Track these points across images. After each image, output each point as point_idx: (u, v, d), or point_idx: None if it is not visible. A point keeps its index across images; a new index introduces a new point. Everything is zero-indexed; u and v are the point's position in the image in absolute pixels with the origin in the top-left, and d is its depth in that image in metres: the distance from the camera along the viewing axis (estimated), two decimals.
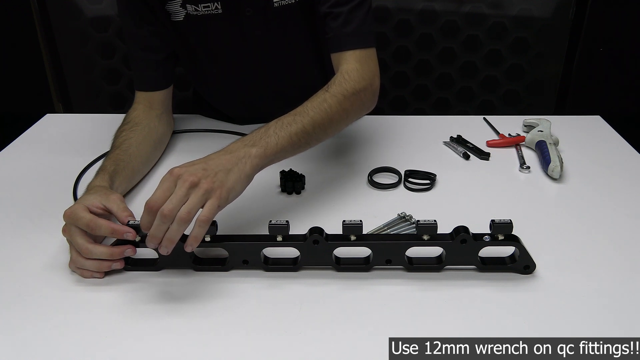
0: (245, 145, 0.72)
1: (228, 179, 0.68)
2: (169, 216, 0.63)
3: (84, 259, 0.69)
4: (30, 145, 1.07)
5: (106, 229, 0.68)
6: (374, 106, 0.92)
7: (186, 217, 0.63)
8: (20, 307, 0.66)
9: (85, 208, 0.69)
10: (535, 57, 1.53)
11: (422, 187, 0.89)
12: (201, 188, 0.65)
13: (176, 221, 0.63)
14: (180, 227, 0.64)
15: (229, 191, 0.67)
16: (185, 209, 0.63)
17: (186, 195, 0.64)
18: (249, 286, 0.69)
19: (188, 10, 0.95)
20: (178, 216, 0.63)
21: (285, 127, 0.76)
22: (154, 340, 0.61)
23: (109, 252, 0.68)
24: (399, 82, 1.58)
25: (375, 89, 0.91)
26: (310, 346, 0.60)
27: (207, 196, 0.65)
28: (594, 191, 0.88)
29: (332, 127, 0.83)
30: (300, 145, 0.79)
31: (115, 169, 0.83)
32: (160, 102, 1.02)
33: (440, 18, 1.48)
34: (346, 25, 0.90)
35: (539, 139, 0.99)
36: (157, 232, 0.63)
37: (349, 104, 0.84)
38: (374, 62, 0.91)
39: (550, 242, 0.75)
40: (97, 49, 1.55)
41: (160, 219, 0.63)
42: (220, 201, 0.66)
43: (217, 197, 0.65)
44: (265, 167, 0.74)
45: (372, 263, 0.70)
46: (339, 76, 0.86)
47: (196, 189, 0.65)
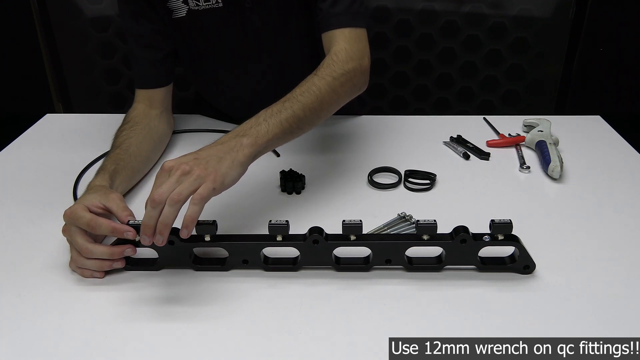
0: (237, 136, 0.72)
1: (220, 165, 0.68)
2: (158, 200, 0.62)
3: (85, 259, 0.69)
4: (30, 145, 1.07)
5: (107, 227, 0.68)
6: (366, 86, 0.91)
7: (177, 198, 0.63)
8: (20, 307, 0.66)
9: (85, 208, 0.69)
10: (535, 57, 1.54)
11: (422, 187, 0.89)
12: (193, 174, 0.65)
13: (167, 203, 0.63)
14: (172, 208, 0.63)
15: (223, 176, 0.67)
16: (176, 191, 0.63)
17: (177, 182, 0.64)
18: (249, 286, 0.69)
19: (190, 6, 0.96)
20: (169, 198, 0.63)
21: (275, 114, 0.76)
22: (154, 340, 0.61)
23: (110, 251, 0.68)
24: (399, 82, 1.58)
25: (365, 69, 0.90)
26: (310, 346, 0.60)
27: (200, 181, 0.65)
28: (594, 191, 0.88)
29: (323, 110, 0.83)
30: (293, 131, 0.78)
31: (115, 168, 0.83)
32: (160, 101, 1.02)
33: (440, 18, 1.49)
34: (335, 5, 0.90)
35: (539, 139, 0.99)
36: (149, 219, 0.63)
37: (339, 85, 0.84)
38: (364, 43, 0.91)
39: (550, 242, 0.75)
40: (97, 49, 1.55)
41: (150, 204, 0.63)
42: (215, 184, 0.65)
43: (212, 180, 0.65)
44: (259, 155, 0.74)
45: (372, 263, 0.70)
46: (327, 58, 0.86)
47: (188, 175, 0.65)
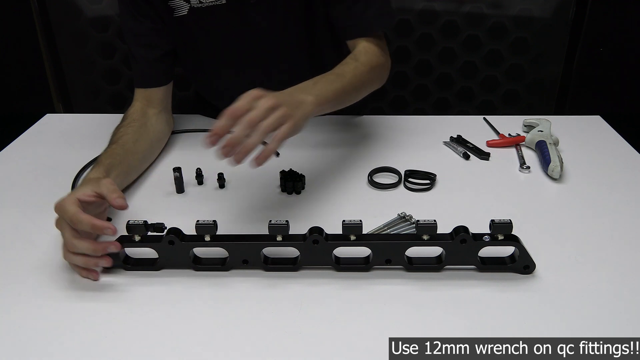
0: (302, 92, 0.76)
1: (297, 113, 0.72)
2: (251, 124, 0.66)
3: (71, 254, 0.68)
4: (30, 145, 1.07)
5: (87, 224, 0.66)
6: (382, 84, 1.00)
7: (266, 130, 0.67)
8: (20, 307, 0.66)
9: (74, 201, 0.68)
10: (535, 57, 1.53)
11: (422, 187, 0.89)
12: (280, 110, 0.68)
13: (257, 132, 0.66)
14: (259, 139, 0.66)
15: (300, 123, 0.72)
16: (267, 123, 0.67)
17: (266, 113, 0.67)
18: (249, 286, 0.69)
19: (192, 4, 0.96)
20: (261, 127, 0.66)
21: (331, 83, 0.82)
22: (154, 340, 0.61)
23: (92, 247, 0.67)
24: (399, 82, 1.57)
25: (389, 67, 1.01)
26: (310, 346, 0.60)
27: (282, 120, 0.68)
28: (594, 191, 0.88)
29: (358, 94, 0.91)
30: (336, 104, 0.83)
31: (111, 162, 0.83)
32: (159, 100, 1.02)
33: (440, 18, 1.48)
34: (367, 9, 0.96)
35: (539, 139, 0.99)
36: (239, 139, 0.66)
37: (373, 75, 0.94)
38: (385, 43, 1.01)
39: (550, 242, 0.75)
40: (97, 49, 1.55)
41: (245, 125, 0.66)
42: (293, 129, 0.70)
43: (292, 124, 0.69)
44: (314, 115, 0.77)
45: (372, 263, 0.70)
46: (362, 49, 0.95)
47: (276, 110, 0.68)
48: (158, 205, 0.86)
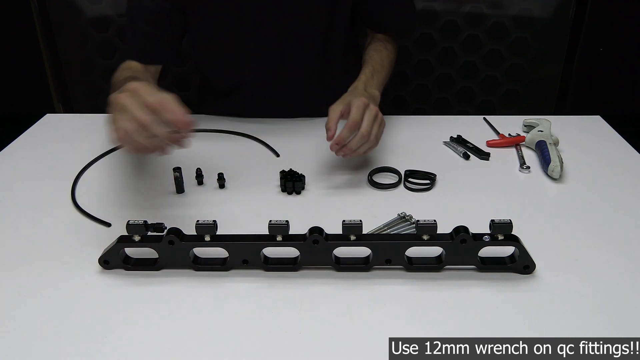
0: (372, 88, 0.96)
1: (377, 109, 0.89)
2: (366, 136, 0.84)
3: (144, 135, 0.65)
4: (30, 145, 1.07)
5: (172, 112, 0.63)
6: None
7: (375, 141, 0.87)
8: (20, 307, 0.66)
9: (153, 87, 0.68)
10: (535, 57, 1.53)
11: (422, 187, 0.89)
12: (378, 119, 0.87)
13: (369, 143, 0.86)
14: (367, 146, 0.86)
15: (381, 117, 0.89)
16: (375, 134, 0.86)
17: (371, 122, 0.85)
18: (249, 286, 0.69)
19: None
20: (372, 138, 0.85)
21: (379, 74, 1.02)
22: (154, 340, 0.61)
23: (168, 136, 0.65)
24: (399, 82, 1.58)
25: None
26: (310, 346, 0.60)
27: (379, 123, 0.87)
28: (594, 191, 0.88)
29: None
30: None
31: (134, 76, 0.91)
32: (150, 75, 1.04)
33: (440, 18, 1.49)
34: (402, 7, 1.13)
35: (539, 139, 0.99)
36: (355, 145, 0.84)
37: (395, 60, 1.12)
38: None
39: (550, 242, 0.75)
40: (97, 49, 1.55)
41: (360, 137, 0.84)
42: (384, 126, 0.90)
43: (383, 123, 0.89)
44: None
45: (372, 263, 0.70)
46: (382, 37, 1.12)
47: (376, 120, 0.86)
48: (158, 205, 0.86)
